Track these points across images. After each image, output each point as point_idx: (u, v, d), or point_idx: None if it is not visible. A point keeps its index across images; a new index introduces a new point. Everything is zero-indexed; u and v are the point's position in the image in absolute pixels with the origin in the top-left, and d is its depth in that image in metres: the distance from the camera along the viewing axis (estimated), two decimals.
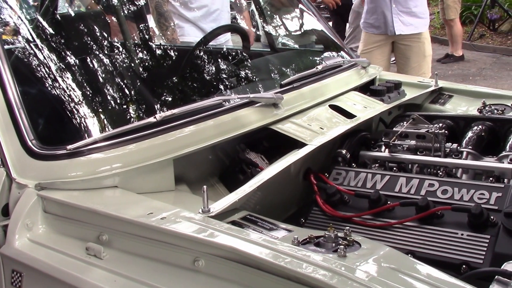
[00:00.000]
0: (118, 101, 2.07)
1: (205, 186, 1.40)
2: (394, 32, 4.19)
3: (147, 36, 2.98)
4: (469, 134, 2.00)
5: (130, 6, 2.95)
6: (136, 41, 2.83)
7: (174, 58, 2.74)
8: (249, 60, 2.65)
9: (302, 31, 3.12)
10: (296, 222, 1.68)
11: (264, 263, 1.19)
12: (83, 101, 1.89)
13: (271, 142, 1.97)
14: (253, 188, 1.54)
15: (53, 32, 2.21)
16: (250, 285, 1.21)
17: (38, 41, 2.02)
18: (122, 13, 2.84)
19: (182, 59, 2.56)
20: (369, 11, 4.32)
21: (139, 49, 2.74)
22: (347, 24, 6.37)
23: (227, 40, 3.43)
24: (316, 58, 2.74)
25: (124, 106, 2.07)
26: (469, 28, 9.94)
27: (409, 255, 1.45)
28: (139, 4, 3.01)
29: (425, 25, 4.26)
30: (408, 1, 4.15)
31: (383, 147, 1.95)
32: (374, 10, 4.26)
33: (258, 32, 3.82)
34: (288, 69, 2.53)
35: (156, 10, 3.51)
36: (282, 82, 2.10)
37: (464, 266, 1.40)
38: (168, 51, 2.83)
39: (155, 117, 1.69)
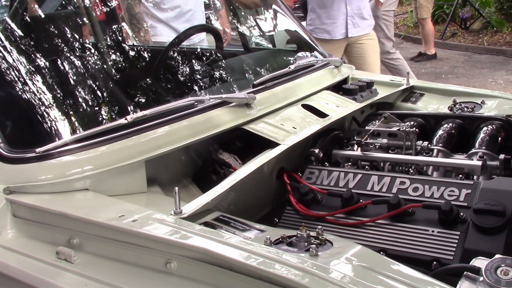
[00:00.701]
0: (89, 103, 2.05)
1: (176, 188, 1.39)
2: (347, 35, 4.36)
3: (119, 37, 2.96)
4: (440, 132, 2.02)
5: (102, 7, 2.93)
6: (107, 42, 2.80)
7: (147, 58, 2.72)
8: (222, 60, 2.65)
9: (276, 31, 3.12)
10: (270, 221, 1.69)
11: (236, 264, 1.19)
12: (53, 103, 1.87)
13: (244, 142, 1.96)
14: (225, 188, 1.54)
15: (22, 34, 2.17)
16: (223, 286, 1.21)
17: (6, 43, 1.98)
18: (94, 14, 2.81)
19: (155, 60, 2.54)
20: (321, 17, 4.38)
21: (111, 50, 2.71)
22: None
23: (201, 40, 3.42)
24: (289, 57, 2.74)
25: (96, 108, 2.04)
26: (442, 26, 10.07)
27: (381, 252, 1.47)
28: (110, 5, 2.99)
29: (371, 25, 4.56)
30: (359, 4, 4.37)
31: (356, 146, 1.96)
32: (327, 15, 4.35)
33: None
34: (261, 69, 2.53)
35: (127, 12, 3.48)
36: (254, 82, 2.10)
37: (435, 262, 1.42)
38: (141, 52, 2.81)
39: (126, 119, 1.67)
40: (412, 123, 2.08)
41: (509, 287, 1.07)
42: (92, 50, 2.48)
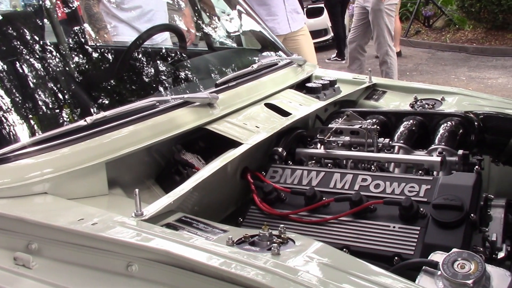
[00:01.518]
0: (49, 105, 2.01)
1: (137, 190, 1.38)
2: (290, 30, 4.50)
3: (80, 38, 2.90)
4: (401, 129, 2.05)
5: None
6: (68, 43, 2.75)
7: (108, 59, 2.68)
8: (185, 60, 2.63)
9: (241, 31, 3.12)
10: (234, 221, 1.69)
11: (197, 265, 1.18)
12: (11, 106, 1.82)
13: (208, 142, 1.96)
14: (188, 189, 1.53)
15: None
16: (184, 287, 1.20)
17: None
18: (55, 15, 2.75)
19: (117, 60, 2.51)
20: (261, 14, 4.45)
21: (71, 51, 2.66)
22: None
23: (164, 40, 3.39)
24: (253, 57, 2.74)
25: (56, 110, 2.00)
26: (406, 24, 10.24)
27: (344, 249, 1.48)
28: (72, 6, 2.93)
29: (304, 19, 4.80)
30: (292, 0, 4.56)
31: (319, 144, 1.98)
32: (268, 12, 4.43)
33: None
34: (225, 68, 2.52)
35: (86, 12, 3.42)
36: (217, 82, 2.09)
37: (396, 258, 1.44)
38: (103, 52, 2.76)
39: (85, 120, 1.65)
40: (374, 120, 2.11)
41: (466, 280, 1.10)
42: (52, 51, 2.43)
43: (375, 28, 5.97)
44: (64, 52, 2.57)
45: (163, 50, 2.76)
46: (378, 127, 1.95)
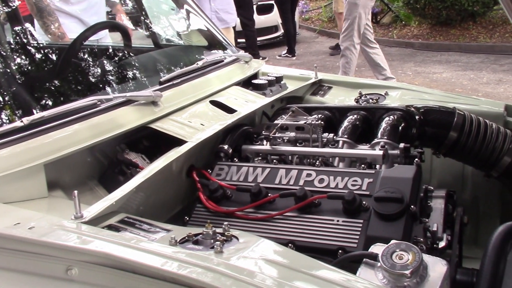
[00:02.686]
0: None
1: (75, 191, 1.34)
2: None
3: (22, 36, 2.82)
4: (345, 123, 2.08)
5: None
6: (8, 41, 2.66)
7: (50, 57, 2.61)
8: (130, 57, 2.58)
9: (189, 30, 3.10)
10: (181, 220, 1.67)
11: (138, 266, 1.16)
12: None
13: (153, 141, 1.93)
14: (130, 189, 1.50)
15: None
16: None
17: None
18: None
19: (59, 58, 2.44)
20: None
21: (12, 51, 2.57)
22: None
23: (103, 37, 3.32)
24: (199, 54, 2.72)
25: None
26: None
27: (290, 244, 1.49)
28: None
29: (234, 20, 4.96)
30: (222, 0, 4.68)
31: (265, 141, 1.98)
32: None
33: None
34: (170, 66, 2.49)
35: (35, 6, 3.32)
36: (161, 79, 2.07)
37: (340, 251, 1.45)
38: (44, 50, 2.69)
39: (22, 121, 1.59)
40: (319, 116, 2.13)
41: (404, 271, 1.12)
42: None
43: (346, 21, 6.05)
44: (4, 52, 2.48)
45: (107, 48, 2.70)
46: (322, 122, 1.97)
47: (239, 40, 8.41)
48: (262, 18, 9.95)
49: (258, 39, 9.24)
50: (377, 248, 1.23)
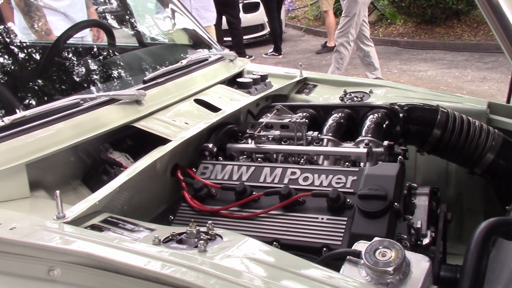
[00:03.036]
0: None
1: (57, 191, 1.33)
2: None
3: (4, 34, 2.78)
4: (329, 121, 2.08)
5: None
6: None
7: (33, 55, 2.58)
8: (114, 56, 2.57)
9: (174, 29, 3.09)
10: (166, 219, 1.66)
11: (121, 266, 1.16)
12: None
13: (137, 141, 1.92)
14: (113, 188, 1.49)
15: None
16: None
17: None
18: None
19: (42, 56, 2.42)
20: None
21: None
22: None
23: (84, 36, 3.30)
24: (184, 53, 2.71)
25: None
26: (340, 19, 10.43)
27: (275, 243, 1.49)
28: None
29: (214, 18, 5.00)
30: None
31: (250, 139, 1.98)
32: None
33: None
34: (154, 65, 2.47)
35: (23, 1, 3.28)
36: (144, 78, 2.05)
37: (324, 248, 1.46)
38: (27, 49, 2.66)
39: (3, 121, 1.58)
40: (303, 114, 2.13)
41: (387, 268, 1.13)
42: None
43: (345, 17, 6.07)
44: None
45: (92, 47, 2.68)
46: (307, 120, 1.97)
47: (225, 39, 8.40)
48: (248, 16, 9.93)
49: (244, 37, 9.22)
50: (361, 246, 1.23)
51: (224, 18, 8.39)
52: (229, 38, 8.62)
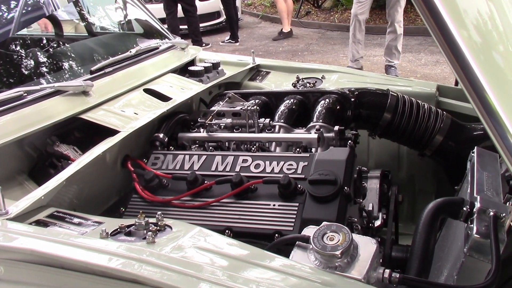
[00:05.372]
0: None
1: None
2: None
3: None
4: (281, 108, 2.08)
5: None
6: None
7: None
8: (61, 46, 2.50)
9: (126, 20, 3.02)
10: (118, 212, 1.64)
11: (66, 261, 1.13)
12: None
13: (85, 133, 1.87)
14: (59, 182, 1.45)
15: None
16: (55, 285, 1.15)
17: None
18: None
19: None
20: None
21: None
22: None
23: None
24: (135, 42, 2.66)
25: None
26: (297, 5, 10.44)
27: (227, 231, 1.49)
28: None
29: None
30: None
31: (202, 128, 1.96)
32: None
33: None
34: (104, 54, 2.42)
35: None
36: (91, 69, 2.01)
37: (277, 235, 1.46)
38: None
39: None
40: (255, 101, 2.12)
41: (334, 252, 1.13)
42: None
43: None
44: None
45: (39, 38, 2.60)
46: (258, 108, 1.97)
47: (181, 27, 8.29)
48: (204, 4, 9.83)
49: (201, 25, 9.12)
50: (310, 231, 1.24)
51: (179, 6, 8.27)
52: (185, 26, 8.51)
